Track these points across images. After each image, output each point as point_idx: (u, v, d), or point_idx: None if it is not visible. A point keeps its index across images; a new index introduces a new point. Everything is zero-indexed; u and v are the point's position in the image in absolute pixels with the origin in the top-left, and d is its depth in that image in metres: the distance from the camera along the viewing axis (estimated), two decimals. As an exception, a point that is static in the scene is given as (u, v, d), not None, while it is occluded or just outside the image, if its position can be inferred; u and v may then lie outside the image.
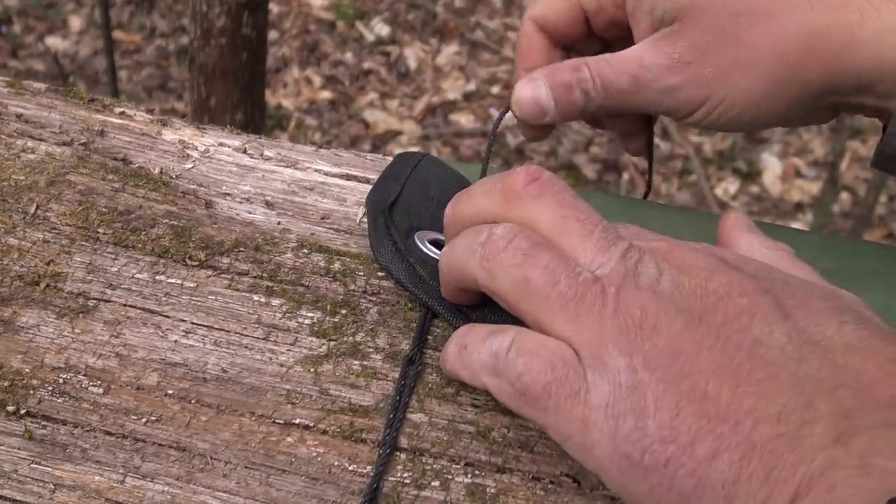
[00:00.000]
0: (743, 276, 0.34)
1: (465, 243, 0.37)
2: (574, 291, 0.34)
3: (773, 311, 0.33)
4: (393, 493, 0.38)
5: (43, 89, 0.51)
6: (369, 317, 0.42)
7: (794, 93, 0.45)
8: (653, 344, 0.33)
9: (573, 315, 0.34)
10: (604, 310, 0.33)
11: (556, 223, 0.36)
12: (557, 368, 0.33)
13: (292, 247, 0.44)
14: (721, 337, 0.32)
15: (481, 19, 2.84)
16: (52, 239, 0.44)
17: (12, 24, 2.68)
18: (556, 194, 0.36)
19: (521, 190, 0.37)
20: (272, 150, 0.49)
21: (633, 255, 0.35)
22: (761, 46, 0.45)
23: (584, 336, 0.33)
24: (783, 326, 0.33)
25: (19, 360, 0.40)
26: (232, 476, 0.38)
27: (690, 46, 0.45)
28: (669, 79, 0.46)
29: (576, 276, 0.34)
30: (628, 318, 0.33)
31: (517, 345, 0.35)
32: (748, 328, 0.33)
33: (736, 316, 0.33)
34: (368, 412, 0.39)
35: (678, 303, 0.33)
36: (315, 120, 2.52)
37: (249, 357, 0.40)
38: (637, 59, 0.46)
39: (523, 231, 0.36)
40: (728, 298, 0.33)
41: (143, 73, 2.61)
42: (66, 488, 0.38)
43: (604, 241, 0.35)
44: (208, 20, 1.41)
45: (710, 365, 0.32)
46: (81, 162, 0.47)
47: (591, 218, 0.36)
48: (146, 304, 0.42)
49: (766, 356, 0.32)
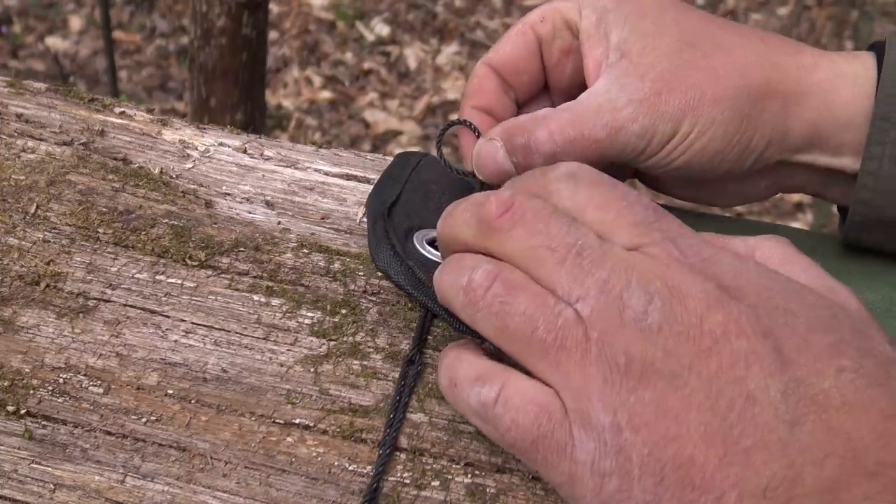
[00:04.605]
0: (743, 310, 0.32)
1: (450, 281, 0.36)
2: (553, 337, 0.33)
3: (772, 359, 0.31)
4: (393, 493, 0.38)
5: (43, 89, 0.51)
6: (369, 317, 0.42)
7: (752, 133, 0.44)
8: (638, 397, 0.31)
9: (555, 362, 0.33)
10: (586, 356, 0.32)
11: (526, 256, 0.34)
12: (543, 425, 0.33)
13: (292, 247, 0.44)
14: (713, 392, 0.31)
15: (481, 19, 2.84)
16: (52, 239, 0.44)
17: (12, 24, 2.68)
18: (527, 223, 0.35)
19: (495, 223, 0.35)
20: (272, 150, 0.49)
21: (617, 282, 0.32)
22: (726, 76, 0.43)
23: (570, 384, 0.32)
24: (780, 380, 0.31)
25: (19, 359, 0.40)
26: (232, 476, 0.38)
27: (657, 76, 0.43)
28: (644, 117, 0.43)
29: (555, 318, 0.33)
30: (613, 364, 0.32)
31: (504, 397, 0.34)
32: (743, 381, 0.31)
33: (731, 364, 0.31)
34: (368, 412, 0.39)
35: (667, 343, 0.32)
36: (315, 120, 2.52)
37: (249, 357, 0.40)
38: (607, 101, 0.44)
39: (501, 272, 0.35)
40: (724, 342, 0.32)
41: (143, 73, 2.61)
42: (66, 488, 0.38)
43: (578, 268, 0.33)
44: (208, 20, 1.41)
45: (698, 426, 0.31)
46: (81, 162, 0.47)
47: (564, 242, 0.34)
48: (146, 303, 0.42)
49: (759, 418, 0.31)
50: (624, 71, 0.44)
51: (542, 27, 0.47)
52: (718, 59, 0.44)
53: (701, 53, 0.44)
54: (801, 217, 2.33)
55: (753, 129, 0.44)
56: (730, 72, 0.44)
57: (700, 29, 0.45)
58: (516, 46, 0.47)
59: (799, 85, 0.44)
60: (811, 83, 0.44)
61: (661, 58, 0.44)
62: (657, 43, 0.44)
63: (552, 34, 0.47)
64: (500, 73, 0.48)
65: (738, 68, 0.44)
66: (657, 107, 0.43)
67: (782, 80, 0.44)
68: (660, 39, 0.44)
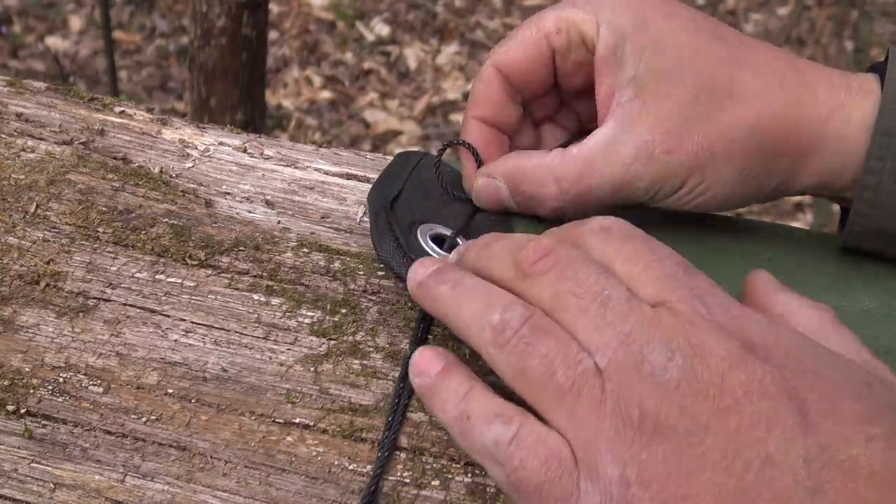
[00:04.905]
0: (768, 370, 0.31)
1: (475, 311, 0.36)
2: (571, 384, 0.32)
3: (795, 422, 0.30)
4: (393, 493, 0.38)
5: (43, 88, 0.51)
6: (369, 316, 0.42)
7: (762, 183, 0.44)
8: (651, 453, 0.31)
9: (570, 410, 0.32)
10: (601, 407, 0.32)
11: (554, 300, 0.34)
12: (552, 469, 0.32)
13: (292, 246, 0.44)
14: (729, 452, 0.30)
15: (481, 19, 2.84)
16: (52, 238, 0.44)
17: (12, 24, 2.68)
18: (561, 270, 0.35)
19: (529, 268, 0.35)
20: (272, 150, 0.49)
21: (639, 337, 0.32)
22: (738, 131, 0.43)
23: (581, 434, 0.32)
24: (802, 444, 0.30)
25: (19, 359, 0.40)
26: (232, 475, 0.38)
27: (669, 130, 0.42)
28: (651, 174, 0.43)
29: (574, 366, 0.33)
30: (626, 418, 0.31)
31: (520, 437, 0.33)
32: (763, 442, 0.30)
33: (751, 426, 0.30)
34: (368, 411, 0.39)
35: (684, 401, 0.31)
36: (315, 120, 2.52)
37: (249, 356, 0.40)
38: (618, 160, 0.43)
39: (532, 316, 0.34)
40: (746, 401, 0.31)
41: (143, 73, 2.61)
42: (66, 487, 0.38)
43: (601, 318, 0.33)
44: (208, 20, 1.41)
45: (711, 487, 0.30)
46: (81, 161, 0.47)
47: (591, 290, 0.34)
48: (146, 303, 0.42)
49: (777, 483, 0.29)
50: (635, 116, 0.43)
51: (557, 38, 0.45)
52: (732, 112, 0.43)
53: (715, 104, 0.43)
54: (801, 217, 2.33)
55: (761, 182, 0.44)
56: (743, 129, 0.43)
57: (718, 70, 0.43)
58: (529, 54, 0.45)
59: (812, 139, 0.43)
60: (824, 136, 0.43)
61: (674, 106, 0.42)
62: (672, 88, 0.43)
63: (567, 47, 0.45)
64: (508, 77, 0.46)
65: (751, 124, 0.43)
66: (666, 165, 0.43)
67: (795, 134, 0.43)
68: (676, 83, 0.43)
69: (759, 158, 0.43)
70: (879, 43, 2.41)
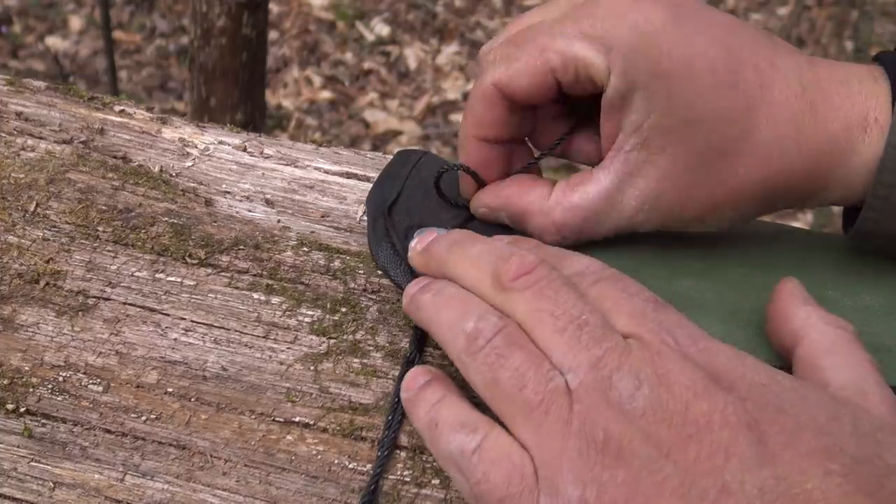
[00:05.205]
0: (730, 401, 0.32)
1: (453, 321, 0.36)
2: (540, 400, 0.33)
3: (753, 452, 0.31)
4: (393, 492, 0.38)
5: (43, 87, 0.51)
6: (369, 315, 0.42)
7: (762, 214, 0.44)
8: (611, 476, 0.31)
9: (536, 425, 0.33)
10: (567, 427, 0.32)
11: (531, 317, 0.35)
12: (514, 485, 0.33)
13: (292, 245, 0.44)
14: (687, 480, 0.30)
15: (481, 19, 2.84)
16: (52, 237, 0.43)
17: (12, 24, 2.68)
18: (540, 288, 0.35)
19: (508, 283, 0.36)
20: (272, 149, 0.49)
21: (609, 362, 0.33)
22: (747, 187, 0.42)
23: (545, 451, 0.32)
24: (759, 475, 0.30)
25: (19, 358, 0.40)
26: (232, 474, 0.38)
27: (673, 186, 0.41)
28: (650, 224, 0.43)
29: (545, 382, 0.33)
30: (591, 440, 0.32)
31: (483, 448, 0.34)
32: (720, 471, 0.30)
33: (710, 454, 0.31)
34: (368, 410, 0.39)
35: (648, 428, 0.31)
36: (315, 120, 2.52)
37: (249, 355, 0.40)
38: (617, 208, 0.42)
39: (506, 328, 0.35)
40: (707, 431, 0.31)
41: (143, 73, 2.61)
42: (66, 486, 0.38)
43: (575, 340, 0.34)
44: (208, 20, 1.41)
45: None
46: (81, 160, 0.47)
47: (569, 312, 0.34)
48: (146, 302, 0.42)
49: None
50: (639, 168, 0.42)
51: (563, 74, 0.41)
52: (742, 170, 0.41)
53: (724, 164, 0.41)
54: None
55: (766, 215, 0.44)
56: (751, 185, 0.42)
57: (730, 128, 0.41)
58: (533, 84, 0.42)
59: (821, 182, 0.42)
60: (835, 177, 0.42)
61: (679, 166, 0.41)
62: (679, 146, 0.41)
63: (574, 82, 0.42)
64: (510, 98, 0.43)
65: (761, 179, 0.41)
66: (669, 215, 0.42)
67: (807, 183, 0.42)
68: (683, 143, 0.41)
69: (767, 205, 0.43)
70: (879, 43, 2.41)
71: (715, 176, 0.41)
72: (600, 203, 0.42)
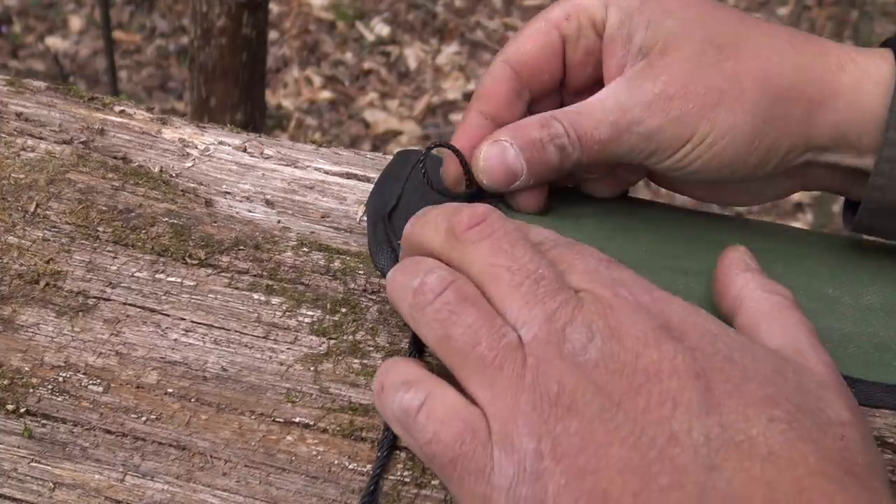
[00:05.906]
0: (679, 350, 0.32)
1: (402, 281, 0.36)
2: (493, 356, 0.33)
3: (700, 400, 0.31)
4: (393, 492, 0.38)
5: (43, 88, 0.51)
6: (369, 315, 0.42)
7: (774, 137, 0.43)
8: (564, 427, 0.31)
9: (490, 381, 0.33)
10: (520, 381, 0.32)
11: (485, 272, 0.35)
12: (466, 443, 0.32)
13: (292, 245, 0.44)
14: (637, 428, 0.31)
15: (481, 19, 2.84)
16: (52, 237, 0.43)
17: (12, 24, 2.68)
18: (495, 240, 0.35)
19: (462, 234, 0.36)
20: (272, 149, 0.49)
21: (563, 315, 0.33)
22: (747, 79, 0.42)
23: (498, 406, 0.32)
24: (705, 422, 0.31)
25: (19, 358, 0.40)
26: (232, 474, 0.38)
27: (671, 79, 0.42)
28: (652, 119, 0.42)
29: (498, 339, 0.33)
30: (544, 393, 0.32)
31: (428, 407, 0.34)
32: (668, 420, 0.31)
33: (659, 403, 0.31)
34: (368, 411, 0.39)
35: (600, 379, 0.32)
36: (315, 120, 2.52)
37: (249, 355, 0.40)
38: (615, 103, 0.43)
39: (455, 282, 0.35)
40: (656, 380, 0.32)
41: (143, 73, 2.61)
42: (66, 487, 0.38)
43: (531, 294, 0.34)
44: (208, 20, 1.41)
45: (618, 461, 0.31)
46: (81, 160, 0.47)
47: (526, 267, 0.34)
48: (146, 302, 0.42)
49: (678, 459, 0.30)
50: (640, 73, 0.43)
51: (567, 25, 0.45)
52: (742, 62, 0.43)
53: (724, 55, 0.43)
54: (801, 217, 2.33)
55: (774, 134, 0.43)
56: (753, 76, 0.42)
57: (726, 29, 0.43)
58: (539, 45, 0.45)
59: (824, 88, 0.43)
60: (837, 86, 0.43)
61: (680, 60, 0.43)
62: (679, 44, 0.43)
63: (577, 33, 0.45)
64: (518, 72, 0.45)
65: (761, 72, 0.42)
66: (666, 111, 0.42)
67: (807, 83, 0.43)
68: (682, 40, 0.43)
69: (769, 106, 0.42)
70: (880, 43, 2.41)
71: (714, 68, 0.43)
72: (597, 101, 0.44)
